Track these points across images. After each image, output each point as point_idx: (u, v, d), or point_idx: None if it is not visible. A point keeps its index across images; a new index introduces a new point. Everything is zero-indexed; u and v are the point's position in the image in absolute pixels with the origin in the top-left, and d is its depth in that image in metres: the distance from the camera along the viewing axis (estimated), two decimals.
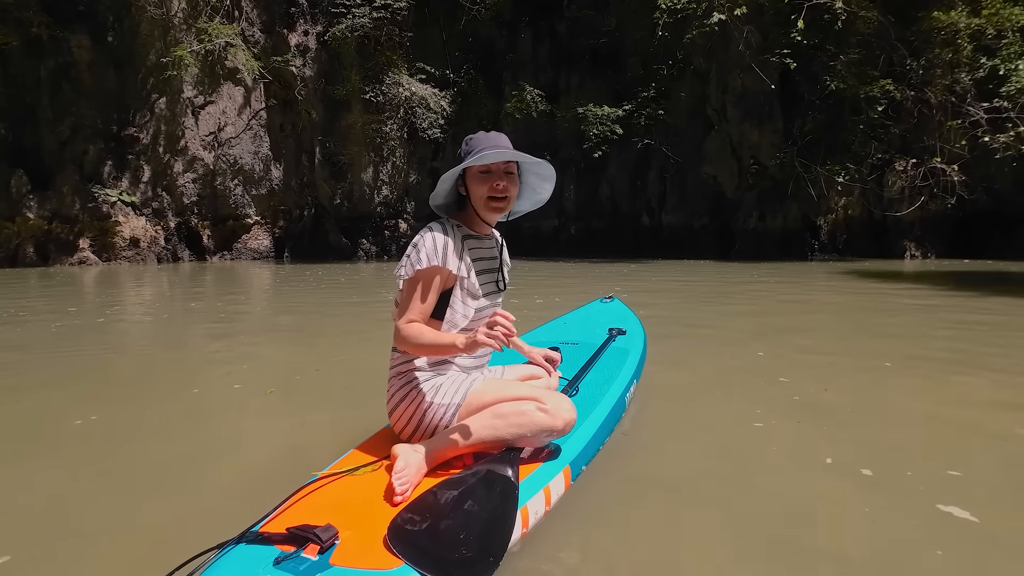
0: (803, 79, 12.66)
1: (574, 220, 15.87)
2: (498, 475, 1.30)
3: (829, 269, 10.16)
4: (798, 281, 8.15)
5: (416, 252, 1.46)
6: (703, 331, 4.05)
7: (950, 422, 2.16)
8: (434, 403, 1.47)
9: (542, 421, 1.41)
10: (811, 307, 5.43)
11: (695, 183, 14.35)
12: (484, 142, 1.49)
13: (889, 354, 3.28)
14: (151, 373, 3.09)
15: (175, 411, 2.39)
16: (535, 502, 1.32)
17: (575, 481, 1.53)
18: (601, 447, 1.77)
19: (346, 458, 1.44)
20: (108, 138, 12.82)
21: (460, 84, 14.45)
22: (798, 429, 2.08)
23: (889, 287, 7.36)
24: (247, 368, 3.11)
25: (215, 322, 4.80)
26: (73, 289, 7.85)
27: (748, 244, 13.53)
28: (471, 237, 1.57)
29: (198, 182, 13.73)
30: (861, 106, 12.31)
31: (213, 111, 13.82)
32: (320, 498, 1.23)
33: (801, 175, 12.84)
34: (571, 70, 15.54)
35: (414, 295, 1.46)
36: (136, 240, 12.79)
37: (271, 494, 1.30)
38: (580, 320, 3.02)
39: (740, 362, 3.13)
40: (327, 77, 14.09)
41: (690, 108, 14.17)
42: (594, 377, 2.11)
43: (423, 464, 1.35)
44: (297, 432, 2.11)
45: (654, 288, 7.22)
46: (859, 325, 4.34)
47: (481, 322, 1.55)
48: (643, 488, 1.61)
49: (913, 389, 2.61)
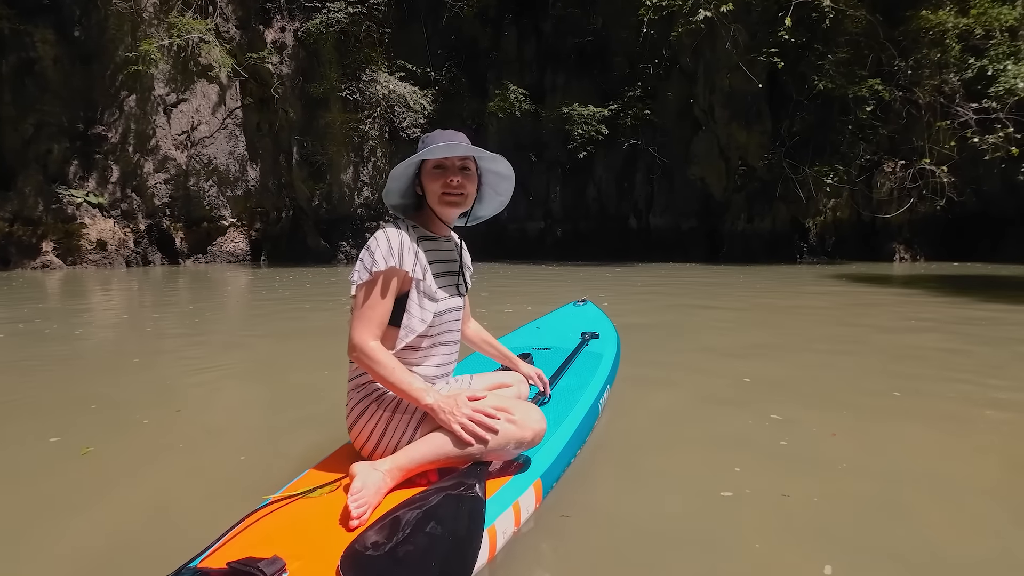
0: (791, 79, 12.45)
1: (561, 222, 15.55)
2: (464, 492, 1.22)
3: (818, 273, 9.91)
4: (787, 286, 7.87)
5: (370, 254, 1.39)
6: (685, 344, 3.73)
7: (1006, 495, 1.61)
8: (395, 417, 1.40)
9: (509, 433, 1.34)
10: (802, 317, 5.13)
11: (683, 185, 14.09)
12: (439, 138, 1.45)
13: (895, 379, 2.95)
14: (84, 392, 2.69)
15: (95, 432, 2.01)
16: (504, 520, 1.25)
17: (547, 497, 1.44)
18: (574, 458, 1.69)
19: (302, 479, 1.35)
20: (74, 137, 12.30)
21: (442, 82, 14.07)
22: (781, 509, 1.54)
23: (883, 294, 7.09)
24: (198, 389, 2.72)
25: (161, 337, 4.40)
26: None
27: (736, 247, 13.28)
28: (428, 238, 1.51)
29: (170, 183, 13.24)
30: (849, 106, 12.11)
31: (186, 109, 13.33)
32: (270, 525, 1.14)
33: (789, 177, 12.61)
34: (557, 69, 15.23)
35: (369, 301, 1.38)
36: (103, 243, 12.28)
37: (218, 522, 1.20)
38: (552, 324, 2.95)
39: (723, 387, 2.79)
40: (305, 75, 13.66)
41: (677, 108, 13.91)
42: (567, 383, 2.03)
43: (383, 483, 1.25)
44: (251, 452, 1.94)
45: (636, 293, 6.90)
46: (857, 341, 3.97)
47: (441, 328, 1.49)
48: (617, 512, 1.50)
49: (934, 436, 2.10)
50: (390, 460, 1.30)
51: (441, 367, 1.54)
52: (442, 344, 1.52)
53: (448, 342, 1.54)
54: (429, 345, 1.48)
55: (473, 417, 1.31)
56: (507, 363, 1.85)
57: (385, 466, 1.28)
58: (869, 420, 2.26)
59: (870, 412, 2.35)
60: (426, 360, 1.49)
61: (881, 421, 2.25)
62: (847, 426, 2.18)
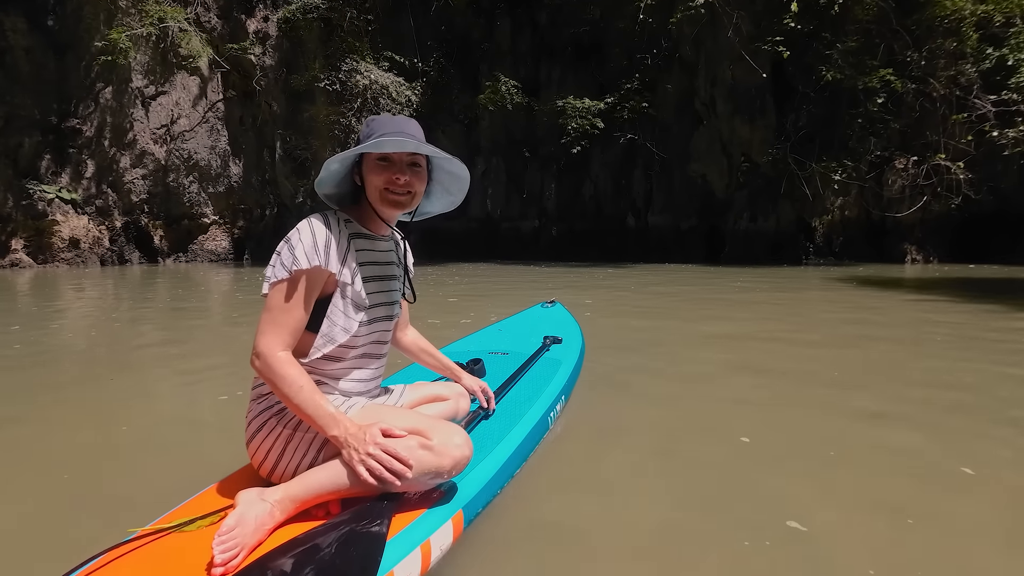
0: (797, 70, 11.81)
1: (555, 221, 14.96)
2: (362, 530, 1.04)
3: (824, 275, 9.25)
4: (790, 290, 7.24)
5: (290, 250, 1.20)
6: (669, 356, 3.14)
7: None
8: (296, 435, 1.22)
9: (423, 461, 1.15)
10: (805, 327, 4.51)
11: (683, 182, 13.46)
12: (387, 126, 1.28)
13: (920, 407, 2.36)
14: None
15: None
16: (408, 565, 1.04)
17: (468, 528, 1.25)
18: (510, 480, 1.51)
19: (183, 507, 1.17)
20: (47, 130, 11.82)
21: (430, 74, 13.49)
22: (738, 558, 1.24)
23: (899, 299, 6.43)
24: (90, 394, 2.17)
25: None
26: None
27: (738, 247, 12.65)
28: (361, 236, 1.34)
29: (148, 178, 12.74)
30: (859, 99, 11.45)
31: (165, 102, 12.84)
32: (125, 566, 0.96)
33: (795, 173, 11.97)
34: (552, 62, 14.64)
35: (285, 305, 1.20)
36: (76, 241, 11.80)
37: (73, 556, 1.02)
38: (516, 327, 2.79)
39: (704, 411, 2.21)
40: (289, 66, 13.13)
41: (677, 102, 13.29)
42: (516, 395, 1.85)
43: (268, 517, 1.07)
44: (136, 472, 1.68)
45: (626, 297, 6.31)
46: (869, 364, 3.16)
47: (368, 339, 1.33)
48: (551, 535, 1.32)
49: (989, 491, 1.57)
50: (282, 489, 1.12)
51: (364, 382, 1.36)
52: (369, 357, 1.35)
53: (376, 355, 1.37)
54: (354, 356, 1.31)
55: (379, 458, 1.11)
56: (448, 375, 1.70)
57: (275, 496, 1.10)
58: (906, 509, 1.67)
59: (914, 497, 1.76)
60: (348, 373, 1.32)
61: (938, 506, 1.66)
62: (882, 532, 1.59)
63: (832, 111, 11.85)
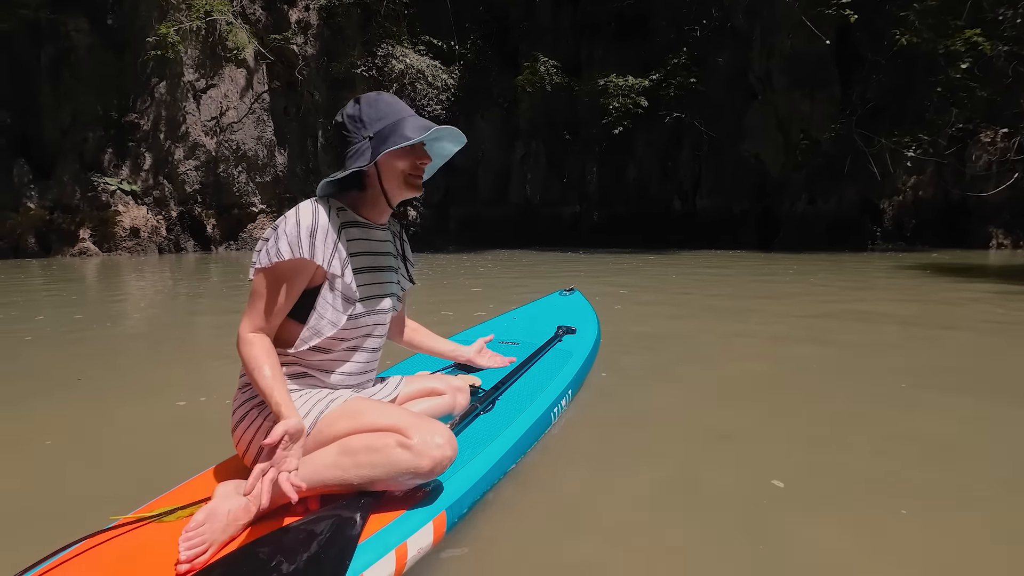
0: (866, 36, 10.72)
1: (597, 206, 14.47)
2: (333, 531, 1.00)
3: (894, 263, 8.38)
4: (852, 279, 6.58)
5: (276, 239, 1.17)
6: (700, 358, 2.80)
7: None
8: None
9: (400, 460, 1.09)
10: (872, 324, 3.98)
11: (734, 162, 12.63)
12: (399, 109, 1.25)
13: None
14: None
15: None
16: (378, 570, 1.00)
17: (451, 531, 1.18)
18: (502, 477, 1.43)
19: (166, 496, 1.15)
20: (108, 125, 12.50)
21: (467, 56, 13.22)
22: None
23: (984, 292, 5.67)
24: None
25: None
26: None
27: (794, 231, 11.77)
28: (356, 225, 1.29)
29: (200, 169, 13.26)
30: (939, 65, 10.25)
31: (215, 95, 13.26)
32: (98, 557, 0.97)
33: (861, 150, 10.94)
34: (594, 40, 14.03)
35: (265, 293, 1.18)
36: (136, 230, 12.46)
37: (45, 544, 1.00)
38: (530, 316, 2.68)
39: (730, 434, 1.89)
40: (329, 55, 13.25)
41: (728, 76, 12.42)
42: (521, 387, 1.77)
43: (242, 513, 1.04)
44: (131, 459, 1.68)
45: (665, 286, 5.90)
46: (952, 375, 2.52)
47: (359, 332, 1.29)
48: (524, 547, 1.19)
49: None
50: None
51: (355, 375, 1.33)
52: (360, 350, 1.31)
53: (368, 348, 1.34)
54: (344, 349, 1.28)
55: (270, 475, 1.00)
56: (459, 359, 1.72)
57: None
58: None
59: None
60: (337, 366, 1.29)
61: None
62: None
63: (906, 80, 10.70)
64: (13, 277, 8.04)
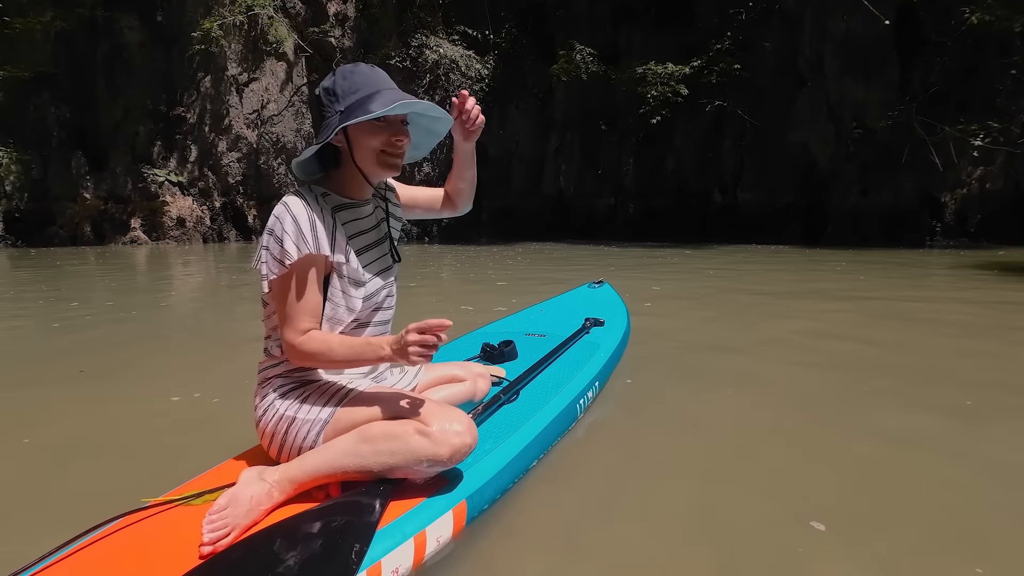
0: (930, 15, 9.92)
1: (633, 198, 14.07)
2: (351, 517, 1.01)
3: (956, 262, 7.74)
4: (908, 278, 6.10)
5: (277, 241, 1.13)
6: (731, 359, 2.60)
7: None
8: (297, 420, 1.19)
9: (419, 448, 1.10)
10: (929, 338, 3.62)
11: (779, 153, 11.99)
12: (374, 81, 1.17)
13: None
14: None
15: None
16: (397, 557, 1.01)
17: (473, 520, 1.17)
18: (528, 470, 1.40)
19: (196, 480, 1.20)
20: (158, 118, 13.02)
21: (502, 46, 13.04)
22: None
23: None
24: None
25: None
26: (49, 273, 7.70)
27: (844, 226, 11.09)
28: (344, 207, 1.25)
29: (242, 161, 13.66)
30: (1014, 45, 9.39)
31: (256, 88, 13.61)
32: (131, 535, 1.01)
33: (921, 139, 10.17)
34: (633, 26, 13.57)
35: (290, 298, 1.15)
36: (183, 220, 12.97)
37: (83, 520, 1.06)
38: (558, 308, 2.66)
39: (761, 457, 1.70)
40: (366, 47, 13.35)
41: (775, 62, 11.77)
42: (546, 379, 1.74)
43: (265, 497, 1.07)
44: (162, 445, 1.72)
45: (701, 282, 5.62)
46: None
47: (370, 307, 1.27)
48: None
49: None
50: (281, 470, 1.13)
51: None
52: (371, 325, 1.31)
53: (378, 322, 1.33)
54: (355, 326, 1.28)
55: (419, 341, 1.07)
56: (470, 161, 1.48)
57: (274, 476, 1.11)
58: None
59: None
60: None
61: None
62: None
63: (974, 63, 9.86)
64: (68, 263, 8.48)
